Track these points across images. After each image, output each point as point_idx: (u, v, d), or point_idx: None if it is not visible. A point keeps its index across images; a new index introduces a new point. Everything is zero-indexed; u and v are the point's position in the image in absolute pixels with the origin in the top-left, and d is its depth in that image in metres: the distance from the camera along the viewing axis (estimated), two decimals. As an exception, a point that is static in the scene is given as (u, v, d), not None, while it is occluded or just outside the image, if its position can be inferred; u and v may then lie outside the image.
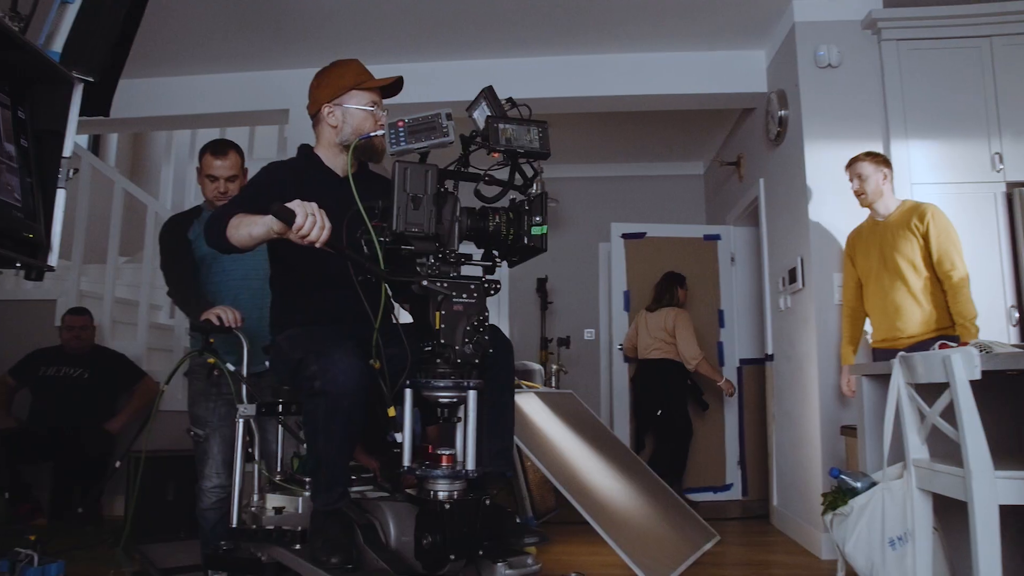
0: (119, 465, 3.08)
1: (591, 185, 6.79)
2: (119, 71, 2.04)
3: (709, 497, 5.34)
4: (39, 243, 1.62)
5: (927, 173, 3.69)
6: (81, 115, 1.88)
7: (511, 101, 1.83)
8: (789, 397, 4.27)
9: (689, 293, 5.41)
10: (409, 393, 1.76)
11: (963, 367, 1.96)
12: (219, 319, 2.40)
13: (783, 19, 4.14)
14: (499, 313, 6.60)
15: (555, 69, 4.63)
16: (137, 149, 7.31)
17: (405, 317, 1.89)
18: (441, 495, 1.71)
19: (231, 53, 4.56)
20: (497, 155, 1.79)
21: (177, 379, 2.64)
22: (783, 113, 4.17)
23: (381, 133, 2.00)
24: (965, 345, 2.23)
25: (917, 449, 2.22)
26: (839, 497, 2.40)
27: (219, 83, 4.80)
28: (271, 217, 1.75)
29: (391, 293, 1.79)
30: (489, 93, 1.84)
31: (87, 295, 4.97)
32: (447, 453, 1.72)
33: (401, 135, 1.76)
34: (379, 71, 2.25)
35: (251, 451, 2.29)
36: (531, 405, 3.82)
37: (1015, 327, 3.51)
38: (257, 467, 2.32)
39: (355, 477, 2.16)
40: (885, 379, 2.43)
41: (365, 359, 1.81)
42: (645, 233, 5.69)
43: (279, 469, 2.39)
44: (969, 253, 3.20)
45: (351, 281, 1.78)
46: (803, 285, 3.97)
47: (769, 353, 4.65)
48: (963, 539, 1.97)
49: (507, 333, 3.66)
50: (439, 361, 1.73)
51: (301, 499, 2.21)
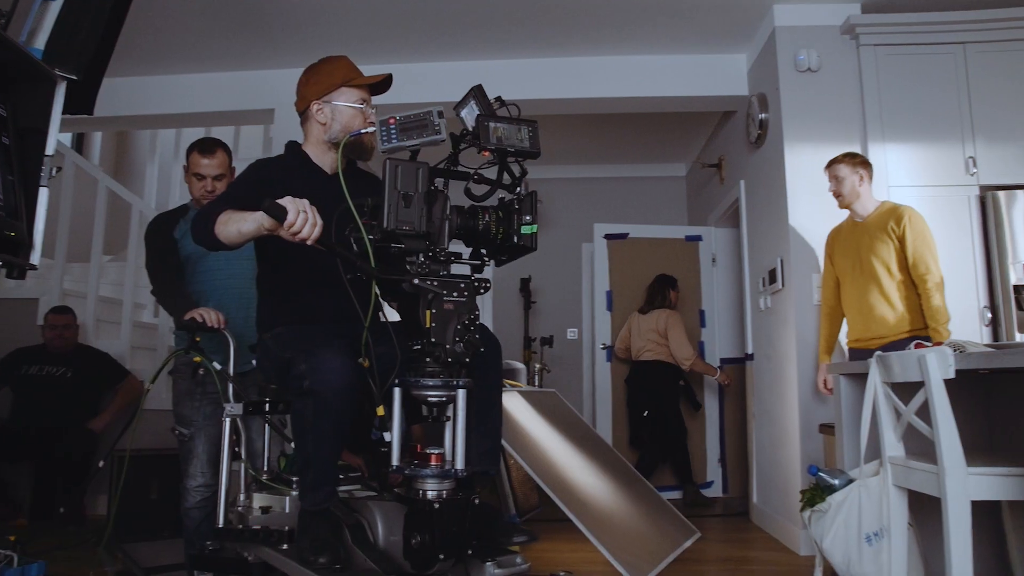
0: (102, 465, 3.04)
1: (574, 186, 6.81)
2: (103, 69, 2.02)
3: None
4: (21, 241, 1.61)
5: (904, 176, 3.75)
6: (64, 113, 1.86)
7: (500, 100, 1.82)
8: (769, 396, 4.32)
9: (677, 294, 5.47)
10: (398, 392, 1.74)
11: (937, 366, 1.99)
12: (202, 318, 2.39)
13: (764, 24, 4.19)
14: (483, 312, 6.55)
15: (539, 71, 4.64)
16: (121, 148, 7.23)
17: (392, 316, 1.86)
18: (430, 494, 1.69)
19: (217, 52, 4.53)
20: (487, 154, 1.77)
21: (161, 378, 2.63)
22: (763, 116, 4.22)
23: (372, 130, 1.97)
24: (939, 345, 2.27)
25: (893, 447, 2.24)
26: (817, 494, 2.41)
27: (204, 82, 4.77)
28: (262, 213, 1.73)
29: (379, 292, 1.77)
30: (478, 92, 1.82)
31: (70, 294, 4.91)
32: (436, 452, 1.70)
33: (393, 132, 1.74)
34: (365, 71, 2.24)
35: (237, 450, 2.28)
36: (514, 404, 3.83)
37: (987, 327, 3.58)
38: (243, 466, 2.31)
39: (343, 476, 2.15)
40: (862, 378, 2.45)
41: (354, 358, 1.79)
42: (628, 234, 5.73)
43: (266, 468, 2.38)
44: (943, 255, 3.25)
45: (340, 280, 1.75)
46: (783, 285, 4.01)
47: (749, 352, 4.70)
48: (937, 534, 1.99)
49: (491, 332, 3.67)
50: (428, 360, 1.71)
51: (288, 498, 2.21)
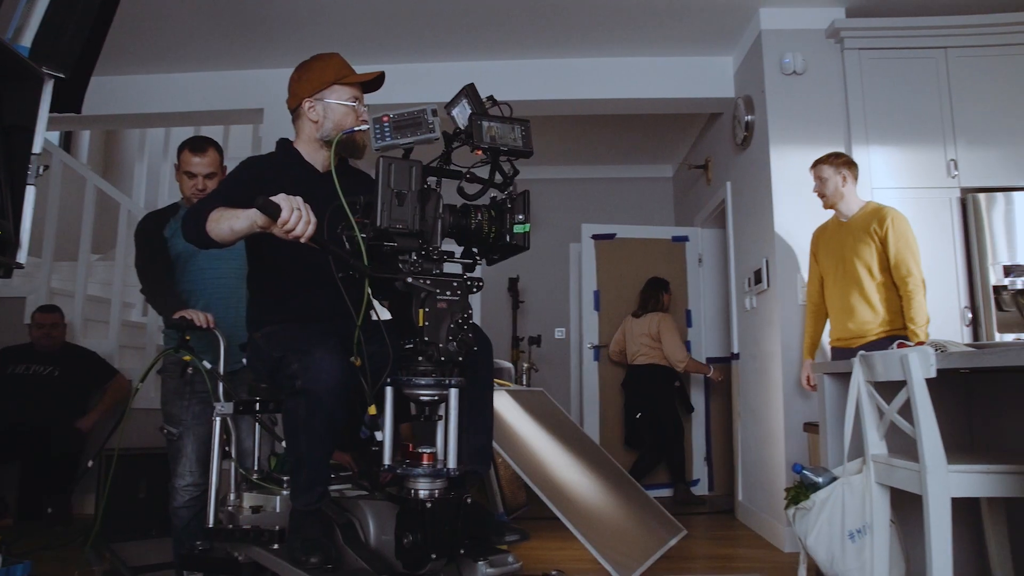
0: (91, 464, 3.02)
1: (562, 186, 6.83)
2: (91, 68, 2.01)
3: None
4: (7, 240, 1.60)
5: (887, 178, 3.79)
6: (52, 111, 1.85)
7: (492, 99, 1.81)
8: (754, 395, 4.36)
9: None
10: (390, 391, 1.73)
11: (919, 366, 2.01)
12: (191, 317, 2.38)
13: (750, 27, 4.23)
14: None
15: (527, 72, 4.66)
16: (110, 146, 7.17)
17: (382, 314, 1.86)
18: (422, 494, 1.68)
19: (206, 51, 4.51)
20: (480, 153, 1.76)
21: (150, 377, 2.61)
22: (749, 118, 4.26)
23: (365, 128, 1.96)
24: (921, 344, 2.31)
25: (876, 445, 2.26)
26: (801, 492, 2.42)
27: (194, 81, 4.75)
28: (255, 211, 1.71)
29: (371, 290, 1.76)
30: (470, 91, 1.82)
31: (58, 293, 4.88)
32: (428, 451, 1.69)
33: (386, 130, 1.73)
34: (356, 71, 2.21)
35: (228, 449, 2.26)
36: (502, 403, 3.84)
37: (968, 327, 3.63)
38: (233, 466, 2.29)
39: (333, 475, 2.12)
40: (846, 377, 2.47)
41: (346, 357, 1.78)
42: (615, 234, 5.75)
43: (256, 468, 2.36)
44: (926, 256, 3.28)
45: (331, 278, 1.74)
46: (768, 286, 4.05)
47: (735, 352, 4.73)
48: (918, 530, 2.02)
49: (480, 332, 3.68)
50: (421, 359, 1.70)
51: (279, 498, 2.15)
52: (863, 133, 3.84)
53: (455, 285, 1.72)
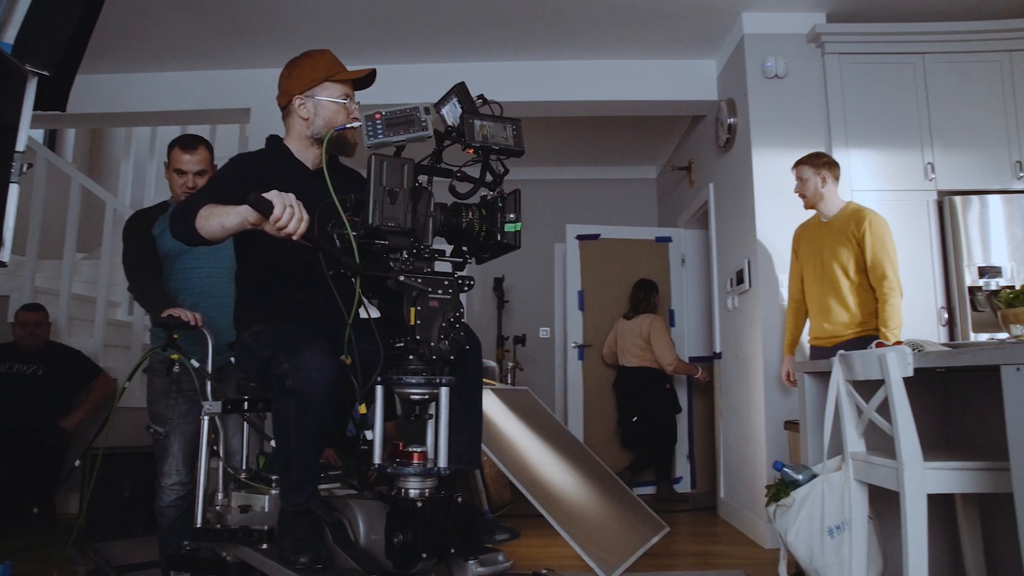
0: (78, 464, 3.00)
1: (547, 187, 6.85)
2: (76, 65, 1.99)
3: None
4: (-10, 238, 1.60)
5: (866, 180, 3.85)
6: (36, 109, 1.84)
7: (483, 98, 1.80)
8: (736, 394, 4.40)
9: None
10: (380, 390, 1.71)
11: (897, 365, 2.04)
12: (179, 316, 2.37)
13: (733, 31, 4.27)
14: (458, 311, 6.63)
15: (513, 74, 4.67)
16: (96, 145, 7.08)
17: (371, 313, 1.82)
18: (413, 493, 1.67)
19: (193, 51, 4.48)
20: (472, 151, 1.74)
21: (135, 375, 2.59)
22: (732, 121, 4.31)
23: (357, 125, 1.93)
24: (899, 344, 2.35)
25: (855, 443, 2.30)
26: (782, 489, 2.44)
27: (181, 81, 4.72)
28: (246, 207, 1.69)
29: (361, 288, 1.73)
30: (461, 89, 1.80)
31: (42, 291, 4.84)
32: (418, 450, 1.67)
33: (379, 127, 1.71)
34: (345, 70, 2.21)
35: (216, 449, 2.24)
36: (487, 401, 3.83)
37: (944, 327, 3.70)
38: (221, 465, 2.28)
39: (323, 475, 2.11)
40: (825, 376, 2.50)
41: (336, 356, 1.76)
42: (599, 235, 5.79)
43: (244, 467, 2.35)
44: (903, 257, 3.32)
45: (321, 277, 1.72)
46: (750, 286, 4.10)
47: (717, 351, 4.78)
48: (895, 526, 2.05)
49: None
50: (411, 357, 1.68)
51: (267, 497, 2.13)
52: (843, 136, 3.90)
53: (446, 284, 1.70)
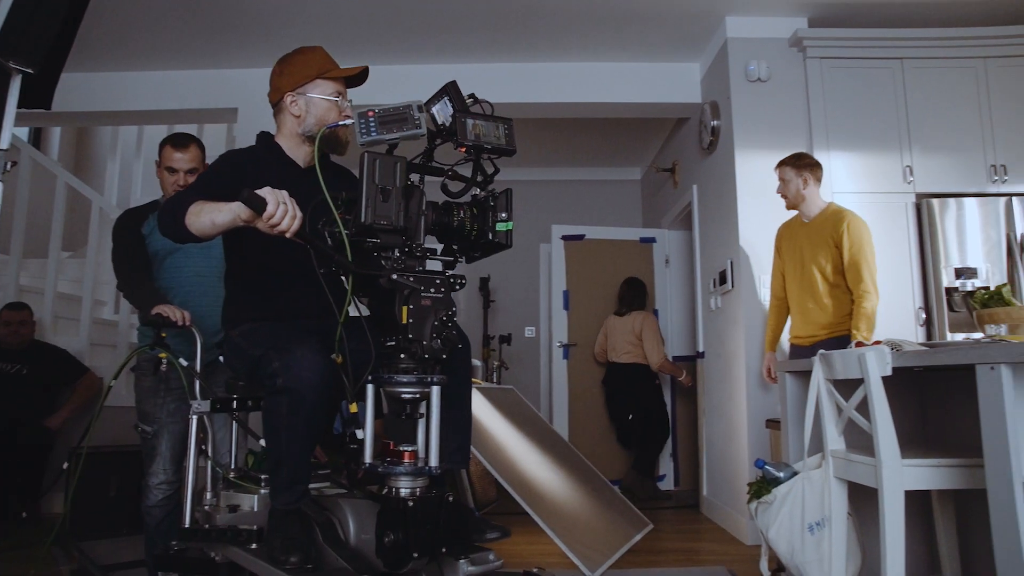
0: (66, 466, 2.97)
1: (533, 188, 6.86)
2: (61, 63, 1.98)
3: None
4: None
5: (846, 183, 3.91)
6: (20, 107, 1.83)
7: (474, 97, 1.78)
8: (718, 392, 4.45)
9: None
10: (371, 389, 1.70)
11: (876, 364, 2.08)
12: (168, 314, 2.35)
13: (716, 35, 4.32)
14: (446, 310, 6.64)
15: (500, 75, 4.69)
16: (81, 143, 7.01)
17: (361, 311, 1.82)
18: (404, 492, 1.65)
19: (181, 50, 4.46)
20: (464, 150, 1.73)
21: (121, 374, 2.58)
22: (715, 123, 4.35)
23: (349, 123, 1.92)
24: (878, 344, 2.39)
25: (835, 441, 2.33)
26: (763, 486, 2.46)
27: (168, 80, 4.70)
28: (238, 204, 1.67)
29: (348, 287, 1.71)
30: (452, 88, 1.78)
31: (27, 290, 4.79)
32: (409, 449, 1.66)
33: (372, 125, 1.69)
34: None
35: (204, 448, 2.22)
36: (473, 400, 3.87)
37: (922, 327, 3.77)
38: (210, 464, 2.25)
39: (312, 473, 2.07)
40: (806, 375, 2.53)
41: (327, 354, 1.75)
42: (584, 235, 5.82)
43: (233, 466, 2.33)
44: (882, 258, 3.38)
45: (313, 275, 1.70)
46: (732, 286, 4.15)
47: (700, 351, 4.83)
48: (873, 523, 2.09)
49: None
50: (403, 356, 1.67)
51: (256, 497, 2.10)
52: (824, 139, 3.96)
53: (438, 282, 1.70)
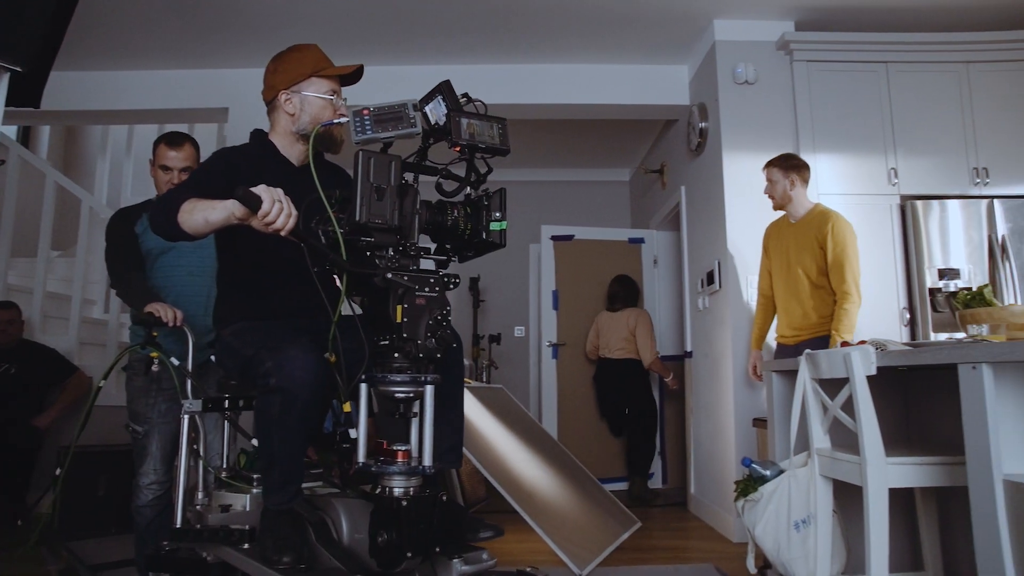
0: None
1: (522, 189, 6.84)
2: (50, 62, 1.98)
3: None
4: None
5: (832, 184, 3.95)
6: (9, 105, 1.82)
7: (467, 97, 1.78)
8: (706, 391, 4.48)
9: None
10: (364, 388, 1.70)
11: (861, 364, 2.11)
12: (160, 313, 2.34)
13: (704, 38, 4.36)
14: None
15: (490, 76, 4.71)
16: (71, 142, 6.93)
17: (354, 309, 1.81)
18: (397, 491, 1.65)
19: (172, 49, 4.44)
20: (458, 149, 1.73)
21: (111, 373, 2.56)
22: (703, 125, 4.39)
23: (344, 121, 1.90)
24: (863, 344, 2.42)
25: (820, 439, 2.36)
26: (750, 485, 2.48)
27: (158, 79, 4.67)
28: (233, 202, 1.66)
29: (345, 285, 1.70)
30: (446, 87, 1.78)
31: (15, 289, 4.74)
32: (403, 449, 1.65)
33: (367, 123, 1.69)
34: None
35: (196, 447, 2.20)
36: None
37: (906, 327, 3.82)
38: (201, 464, 2.22)
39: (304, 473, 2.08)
40: (792, 374, 2.56)
41: (320, 353, 1.74)
42: (573, 236, 5.85)
43: (224, 465, 2.32)
44: (867, 259, 3.42)
45: (306, 274, 1.68)
46: (720, 287, 4.18)
47: (688, 350, 4.86)
48: (858, 520, 2.11)
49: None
50: (397, 355, 1.66)
51: (248, 496, 2.09)
52: (811, 141, 4.00)
53: (432, 281, 1.69)
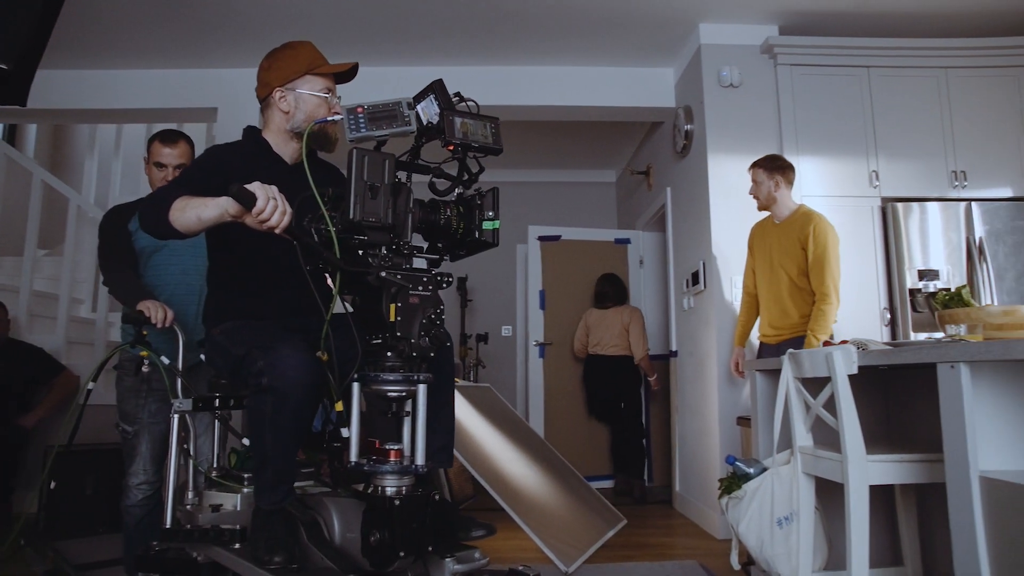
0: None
1: (510, 189, 6.80)
2: (37, 60, 1.97)
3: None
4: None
5: (815, 186, 4.00)
6: None
7: (460, 96, 1.78)
8: (691, 390, 4.52)
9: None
10: (357, 387, 1.69)
11: (843, 363, 2.15)
12: (150, 312, 2.33)
13: (690, 41, 4.40)
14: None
15: (478, 78, 4.72)
16: (58, 141, 6.87)
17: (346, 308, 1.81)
18: (389, 491, 1.64)
19: (161, 48, 4.41)
20: (452, 148, 1.72)
21: (100, 374, 2.55)
22: (689, 127, 4.43)
23: (338, 118, 1.89)
24: (845, 343, 2.47)
25: (803, 437, 2.39)
26: (734, 482, 2.51)
27: (147, 78, 4.65)
28: (226, 199, 1.64)
29: (338, 284, 1.69)
30: (439, 87, 1.77)
31: (1, 288, 4.71)
32: (395, 448, 1.65)
33: (361, 121, 1.68)
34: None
35: (186, 447, 2.20)
36: (452, 399, 3.90)
37: (887, 327, 3.88)
38: (192, 464, 2.23)
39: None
40: (776, 373, 2.60)
41: (312, 353, 1.74)
42: (560, 236, 5.88)
43: (215, 465, 2.32)
44: (849, 260, 3.47)
45: (299, 272, 1.67)
46: (705, 287, 4.22)
47: (673, 350, 4.91)
48: (840, 517, 2.16)
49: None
50: (389, 354, 1.66)
51: (239, 496, 2.07)
52: (794, 143, 4.05)
53: (426, 280, 1.69)
